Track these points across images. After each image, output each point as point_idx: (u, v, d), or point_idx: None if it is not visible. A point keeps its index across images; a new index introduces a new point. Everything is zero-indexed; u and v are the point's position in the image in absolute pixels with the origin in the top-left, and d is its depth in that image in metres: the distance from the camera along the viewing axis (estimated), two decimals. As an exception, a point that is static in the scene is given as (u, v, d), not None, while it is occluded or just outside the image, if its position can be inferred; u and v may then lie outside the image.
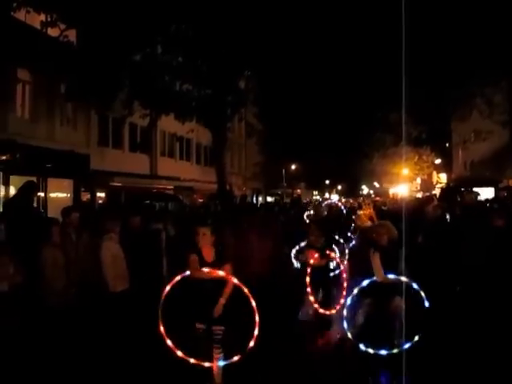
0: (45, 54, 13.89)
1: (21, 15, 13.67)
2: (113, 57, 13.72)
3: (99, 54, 13.44)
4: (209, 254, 5.20)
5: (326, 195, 55.92)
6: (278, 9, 16.29)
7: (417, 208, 10.72)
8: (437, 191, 30.96)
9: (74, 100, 16.41)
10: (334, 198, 47.78)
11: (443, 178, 37.49)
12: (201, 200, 24.02)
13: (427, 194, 28.10)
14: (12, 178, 14.18)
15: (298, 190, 47.92)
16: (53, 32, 14.34)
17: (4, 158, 14.14)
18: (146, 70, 16.09)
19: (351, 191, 56.22)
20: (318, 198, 50.15)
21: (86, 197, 19.04)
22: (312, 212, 13.30)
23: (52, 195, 16.86)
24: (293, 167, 44.85)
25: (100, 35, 13.31)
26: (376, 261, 5.48)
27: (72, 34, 14.55)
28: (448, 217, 8.53)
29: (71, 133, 18.67)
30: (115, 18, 13.05)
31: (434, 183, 37.52)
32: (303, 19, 17.57)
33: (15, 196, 8.09)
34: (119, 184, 19.94)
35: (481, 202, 10.42)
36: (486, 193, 20.93)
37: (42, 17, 14.08)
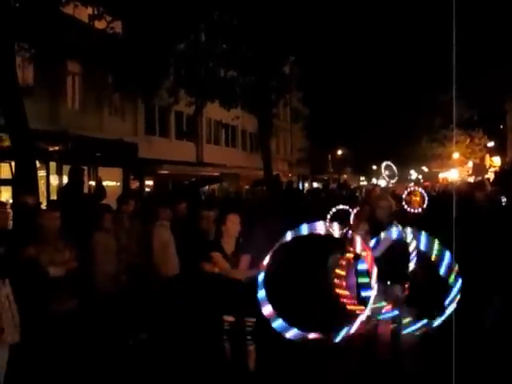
0: (93, 46, 14.22)
1: (69, 9, 14.01)
2: (158, 46, 13.89)
3: (144, 43, 13.64)
4: (230, 244, 4.97)
5: (374, 180, 54.91)
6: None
7: (468, 193, 10.33)
8: (490, 175, 29.82)
9: (122, 90, 16.75)
10: (382, 183, 46.84)
11: (496, 161, 36.06)
12: (247, 186, 24.14)
13: (479, 178, 27.15)
14: (64, 167, 14.68)
15: (345, 176, 47.30)
16: (100, 24, 14.65)
17: (57, 148, 14.64)
18: (190, 57, 16.20)
19: (399, 176, 54.92)
20: (365, 183, 49.37)
21: (134, 185, 19.47)
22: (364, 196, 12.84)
23: (102, 184, 17.32)
24: (339, 152, 44.28)
25: (145, 25, 13.49)
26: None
27: (118, 26, 14.81)
28: (504, 201, 8.18)
29: (119, 122, 19.12)
30: (159, 8, 13.18)
31: (487, 167, 36.16)
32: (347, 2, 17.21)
33: (67, 184, 8.41)
34: (166, 172, 20.26)
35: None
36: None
37: (90, 10, 14.40)
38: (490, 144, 35.35)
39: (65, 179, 13.97)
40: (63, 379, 4.73)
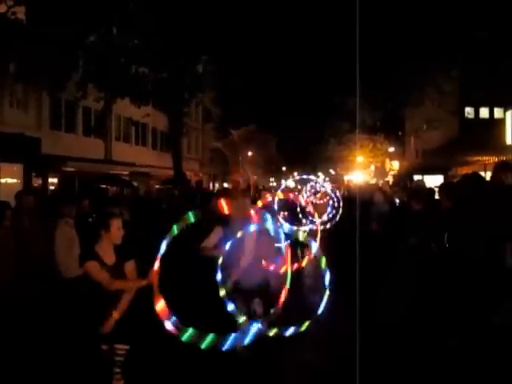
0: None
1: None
2: (65, 36, 13.28)
3: (50, 32, 12.99)
4: (109, 253, 4.34)
5: (283, 182, 56.32)
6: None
7: (368, 195, 11.00)
8: (389, 178, 31.82)
9: (25, 81, 15.81)
10: (291, 184, 48.13)
11: (396, 165, 38.46)
12: (157, 186, 23.77)
13: (380, 181, 28.86)
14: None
15: (255, 177, 48.07)
16: None
17: None
18: (100, 51, 15.67)
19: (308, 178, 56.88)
20: (274, 184, 50.48)
21: (37, 182, 18.47)
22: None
23: (1, 181, 16.28)
24: (249, 154, 44.93)
25: (50, 13, 12.85)
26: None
27: (20, 11, 13.96)
28: (397, 202, 8.81)
29: (21, 115, 18.02)
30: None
31: (387, 170, 38.46)
32: (260, 6, 17.57)
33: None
34: (72, 169, 19.46)
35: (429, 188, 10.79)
36: (435, 180, 21.68)
37: (-12, -8, 13.46)
38: (391, 149, 37.59)
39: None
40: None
